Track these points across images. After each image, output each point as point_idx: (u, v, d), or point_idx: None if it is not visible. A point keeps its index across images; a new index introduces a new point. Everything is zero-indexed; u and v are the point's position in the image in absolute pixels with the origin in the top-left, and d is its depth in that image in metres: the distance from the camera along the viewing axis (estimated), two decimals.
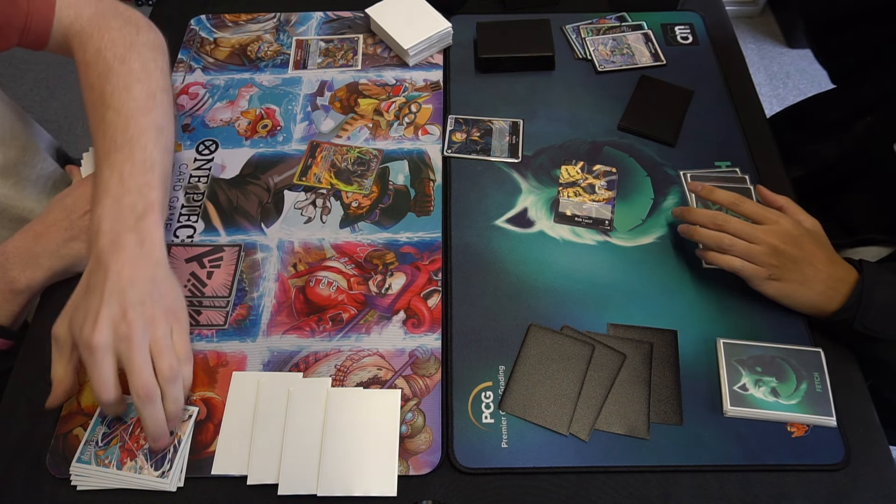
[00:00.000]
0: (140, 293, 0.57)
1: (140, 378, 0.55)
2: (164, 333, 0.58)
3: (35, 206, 0.79)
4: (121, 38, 0.70)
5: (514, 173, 0.79)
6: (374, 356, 0.66)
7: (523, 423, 0.62)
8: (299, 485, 0.58)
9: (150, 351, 0.57)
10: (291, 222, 0.75)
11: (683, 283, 0.70)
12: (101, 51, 0.68)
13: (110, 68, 0.67)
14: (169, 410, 0.57)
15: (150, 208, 0.62)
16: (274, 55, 0.91)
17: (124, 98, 0.66)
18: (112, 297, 0.56)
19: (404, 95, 0.87)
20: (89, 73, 0.68)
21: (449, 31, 0.90)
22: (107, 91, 0.66)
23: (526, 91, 0.87)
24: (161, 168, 0.65)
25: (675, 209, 0.72)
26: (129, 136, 0.64)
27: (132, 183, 0.62)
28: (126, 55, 0.69)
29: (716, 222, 0.65)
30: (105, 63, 0.68)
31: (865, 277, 0.62)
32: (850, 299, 0.62)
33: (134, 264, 0.58)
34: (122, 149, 0.63)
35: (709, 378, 0.64)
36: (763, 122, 0.84)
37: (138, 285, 0.57)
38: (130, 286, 0.57)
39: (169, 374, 0.57)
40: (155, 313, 0.58)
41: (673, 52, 0.91)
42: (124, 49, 0.69)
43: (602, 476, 0.60)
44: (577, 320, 0.68)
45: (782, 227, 0.64)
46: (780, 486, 0.59)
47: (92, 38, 0.69)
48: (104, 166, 0.63)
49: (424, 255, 0.72)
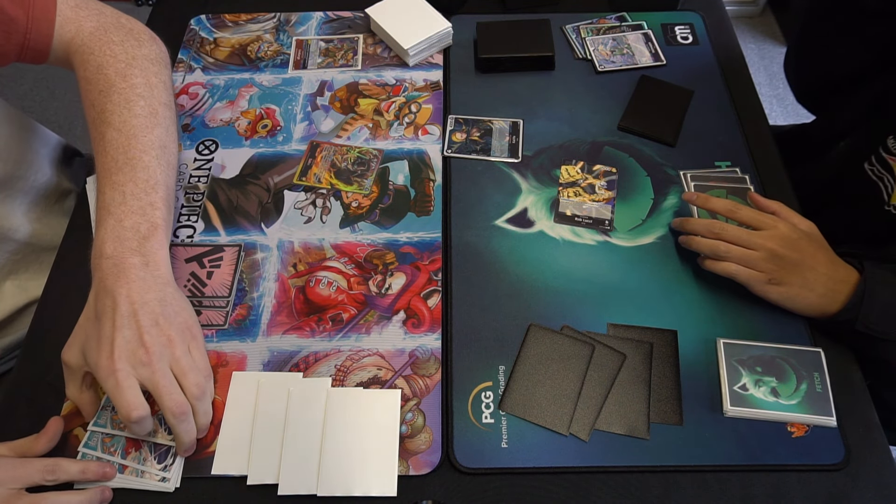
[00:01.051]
0: (152, 315, 0.57)
1: (171, 399, 0.55)
2: (184, 352, 0.58)
3: (21, 222, 0.77)
4: (122, 53, 0.69)
5: (514, 173, 0.79)
6: (374, 356, 0.66)
7: (523, 423, 0.62)
8: (299, 485, 0.58)
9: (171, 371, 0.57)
10: (291, 222, 0.75)
11: (683, 283, 0.70)
12: (101, 67, 0.68)
13: (112, 85, 0.67)
14: (201, 424, 0.58)
15: (153, 229, 0.61)
16: (274, 55, 0.91)
17: (126, 116, 0.65)
18: (124, 323, 0.56)
19: (404, 95, 0.87)
20: (90, 89, 0.67)
21: (449, 31, 0.90)
22: (108, 109, 0.66)
23: (526, 91, 0.87)
24: (165, 186, 0.65)
25: (675, 221, 0.72)
26: (131, 155, 0.64)
27: (135, 204, 0.62)
28: (127, 71, 0.68)
29: (712, 231, 0.66)
30: (106, 80, 0.67)
31: (867, 277, 0.62)
32: (852, 300, 0.62)
33: (142, 287, 0.58)
34: (123, 168, 0.63)
35: (709, 378, 0.64)
36: (763, 123, 0.84)
37: (149, 308, 0.57)
38: (142, 309, 0.57)
39: (197, 392, 0.58)
40: (171, 334, 0.58)
41: (673, 52, 0.91)
42: (126, 64, 0.68)
43: (602, 476, 0.60)
44: (577, 320, 0.68)
45: (780, 231, 0.64)
46: (780, 486, 0.59)
47: (93, 53, 0.68)
48: (106, 187, 0.62)
49: (424, 255, 0.72)
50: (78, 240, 0.74)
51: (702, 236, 0.67)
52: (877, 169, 0.76)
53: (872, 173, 0.76)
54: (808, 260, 0.63)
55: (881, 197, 0.75)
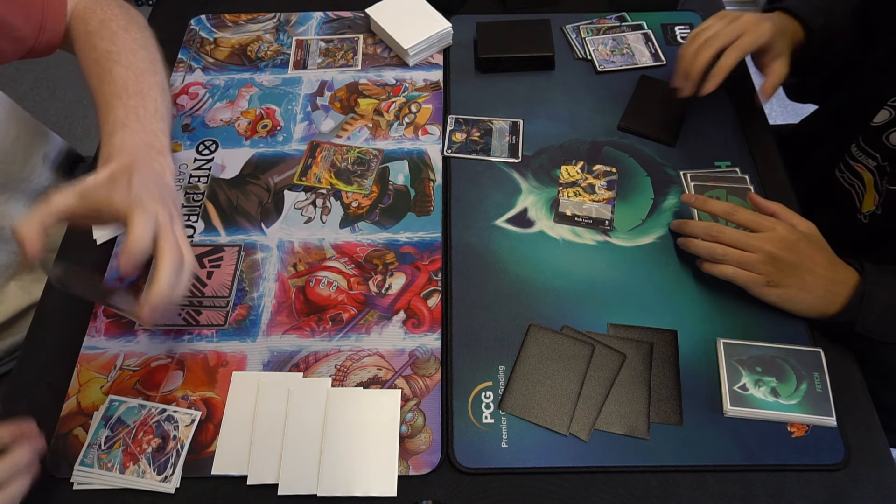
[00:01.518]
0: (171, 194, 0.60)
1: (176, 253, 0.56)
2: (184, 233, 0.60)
3: None
4: (122, 15, 0.73)
5: (514, 173, 0.79)
6: (374, 356, 0.66)
7: (523, 423, 0.62)
8: (299, 485, 0.58)
9: None
10: (291, 222, 0.75)
11: (683, 283, 0.70)
12: (105, 21, 0.71)
13: (115, 34, 0.70)
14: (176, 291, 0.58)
15: (164, 149, 0.64)
16: (274, 55, 0.91)
17: (131, 59, 0.68)
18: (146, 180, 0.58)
19: (404, 95, 0.87)
20: (93, 38, 0.70)
21: (449, 31, 0.90)
22: (113, 50, 0.69)
23: (526, 91, 0.87)
24: (168, 124, 0.68)
25: (673, 223, 0.73)
26: (140, 88, 0.66)
27: (148, 125, 0.64)
28: (128, 27, 0.72)
29: (710, 233, 0.66)
30: (109, 30, 0.71)
31: (867, 279, 0.62)
32: (851, 301, 0.62)
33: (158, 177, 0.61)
34: (134, 97, 0.65)
35: (709, 378, 0.64)
36: (763, 122, 0.84)
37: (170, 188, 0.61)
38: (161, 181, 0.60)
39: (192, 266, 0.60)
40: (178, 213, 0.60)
41: (673, 52, 0.90)
42: (126, 22, 0.73)
43: (602, 476, 0.60)
44: (577, 320, 0.68)
45: (778, 233, 0.64)
46: (780, 486, 0.59)
47: (95, 12, 0.72)
48: (117, 106, 0.64)
49: (424, 255, 0.72)
50: (77, 241, 0.74)
51: (700, 239, 0.67)
52: (847, 176, 0.76)
53: (844, 180, 0.77)
54: (806, 262, 0.63)
55: (854, 205, 0.76)
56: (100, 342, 0.67)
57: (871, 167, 0.73)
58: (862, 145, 0.73)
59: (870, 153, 0.72)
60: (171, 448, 0.60)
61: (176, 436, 0.60)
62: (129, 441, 0.60)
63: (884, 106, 0.70)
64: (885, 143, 0.70)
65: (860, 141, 0.74)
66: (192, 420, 0.61)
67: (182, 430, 0.61)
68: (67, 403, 0.63)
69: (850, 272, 0.64)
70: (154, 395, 0.63)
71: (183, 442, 0.60)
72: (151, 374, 0.65)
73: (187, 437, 0.60)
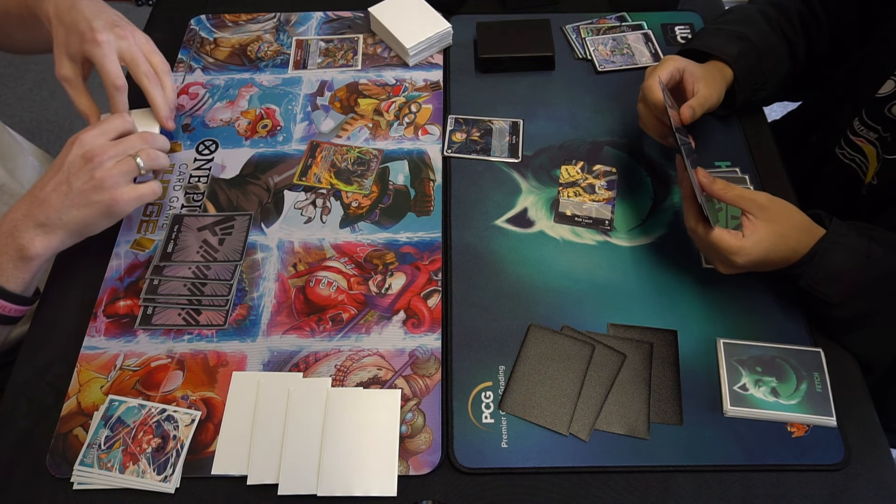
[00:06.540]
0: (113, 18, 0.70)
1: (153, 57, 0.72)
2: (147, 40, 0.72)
3: None
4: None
5: (514, 173, 0.79)
6: (374, 356, 0.66)
7: (523, 423, 0.62)
8: (299, 485, 0.58)
9: None
10: (291, 222, 0.75)
11: (683, 283, 0.70)
12: None
13: None
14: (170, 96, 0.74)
15: None
16: (274, 55, 0.91)
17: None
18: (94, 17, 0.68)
19: (404, 95, 0.87)
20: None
21: (449, 31, 0.90)
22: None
23: (526, 91, 0.87)
24: None
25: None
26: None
27: None
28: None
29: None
30: None
31: (827, 237, 0.61)
32: (804, 258, 0.61)
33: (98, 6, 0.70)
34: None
35: (709, 378, 0.64)
36: (763, 122, 0.84)
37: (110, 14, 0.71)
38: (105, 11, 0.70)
39: (164, 67, 0.73)
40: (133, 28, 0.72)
41: (673, 52, 0.90)
42: None
43: (602, 476, 0.60)
44: (577, 320, 0.68)
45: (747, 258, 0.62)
46: (780, 486, 0.59)
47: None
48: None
49: (424, 255, 0.72)
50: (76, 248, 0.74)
51: None
52: (847, 152, 0.77)
53: (844, 157, 0.77)
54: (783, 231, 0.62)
55: (858, 177, 0.76)
56: (100, 342, 0.67)
57: (873, 139, 0.73)
58: (865, 119, 0.73)
59: (872, 126, 0.73)
60: (171, 448, 0.60)
61: (176, 436, 0.60)
62: (128, 441, 0.60)
63: (890, 76, 0.70)
64: (886, 114, 0.70)
65: (863, 115, 0.73)
66: (192, 420, 0.61)
67: (182, 430, 0.61)
68: (67, 403, 0.63)
69: (817, 230, 0.63)
70: (154, 395, 0.63)
71: (183, 442, 0.60)
72: (151, 374, 0.65)
73: (187, 437, 0.60)
